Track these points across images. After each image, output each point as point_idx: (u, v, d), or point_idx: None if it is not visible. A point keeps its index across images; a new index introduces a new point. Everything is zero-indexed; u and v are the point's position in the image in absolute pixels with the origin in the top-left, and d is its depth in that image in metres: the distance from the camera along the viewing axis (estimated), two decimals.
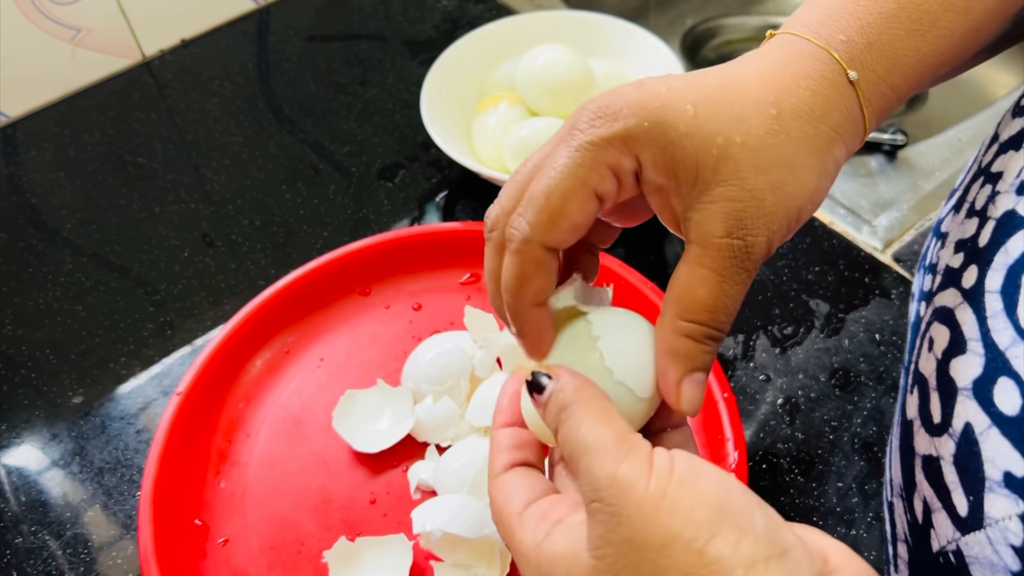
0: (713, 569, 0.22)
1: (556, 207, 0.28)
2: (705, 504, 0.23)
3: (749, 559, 0.22)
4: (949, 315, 0.30)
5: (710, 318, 0.28)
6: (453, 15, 0.80)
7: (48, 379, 0.55)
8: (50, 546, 0.48)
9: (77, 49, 0.73)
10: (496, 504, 0.29)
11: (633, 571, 0.23)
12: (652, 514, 0.23)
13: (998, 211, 0.29)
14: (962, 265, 0.30)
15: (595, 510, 0.24)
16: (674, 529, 0.23)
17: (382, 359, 0.53)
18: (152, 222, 0.64)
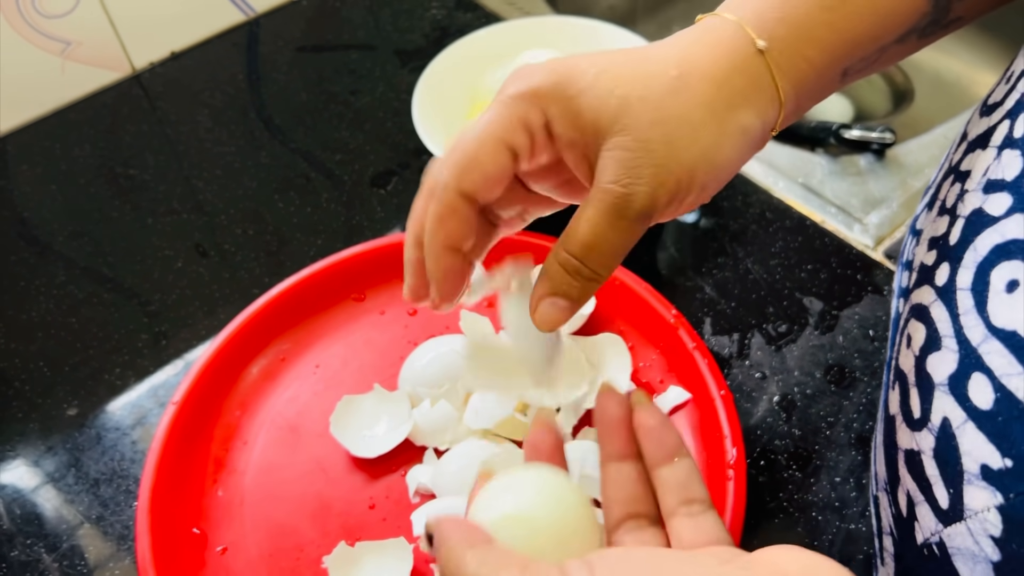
0: None
1: (469, 155, 0.30)
2: None
3: None
4: (924, 312, 0.30)
5: (582, 253, 0.30)
6: (442, 23, 0.81)
7: (42, 392, 0.55)
8: (46, 559, 0.47)
9: (67, 63, 0.73)
10: None
11: None
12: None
13: (967, 209, 0.30)
14: (935, 262, 0.31)
15: None
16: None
17: (378, 364, 0.53)
18: (145, 233, 0.64)
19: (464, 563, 0.26)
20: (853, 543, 0.44)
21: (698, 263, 0.58)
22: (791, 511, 0.46)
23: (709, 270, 0.58)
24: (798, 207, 0.61)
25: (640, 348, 0.52)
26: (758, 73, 0.30)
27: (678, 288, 0.57)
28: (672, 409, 0.49)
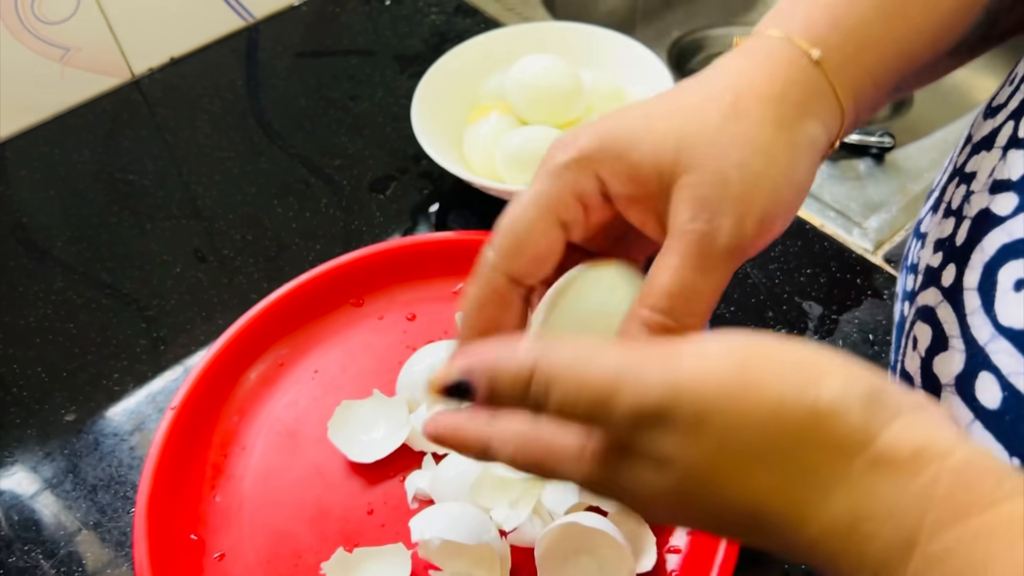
0: (830, 419, 0.21)
1: (519, 236, 0.29)
2: (794, 363, 0.22)
3: (863, 394, 0.21)
4: (931, 313, 0.30)
5: (669, 306, 0.26)
6: (441, 29, 0.81)
7: (40, 397, 0.55)
8: (43, 565, 0.47)
9: (66, 68, 0.73)
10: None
11: (733, 458, 0.22)
12: (740, 393, 0.21)
13: (973, 210, 0.29)
14: (941, 264, 0.30)
15: (657, 436, 0.22)
16: (772, 397, 0.21)
17: (377, 370, 0.53)
18: (143, 239, 0.64)
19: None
20: None
21: None
22: None
23: None
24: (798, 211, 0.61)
25: None
26: (816, 83, 0.28)
27: None
28: None
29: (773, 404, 0.21)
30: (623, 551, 0.41)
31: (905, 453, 0.20)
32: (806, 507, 0.21)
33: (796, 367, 0.22)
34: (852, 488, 0.21)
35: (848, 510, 0.21)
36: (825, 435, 0.21)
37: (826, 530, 0.21)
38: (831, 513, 0.21)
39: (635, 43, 0.65)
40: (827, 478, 0.21)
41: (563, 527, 0.41)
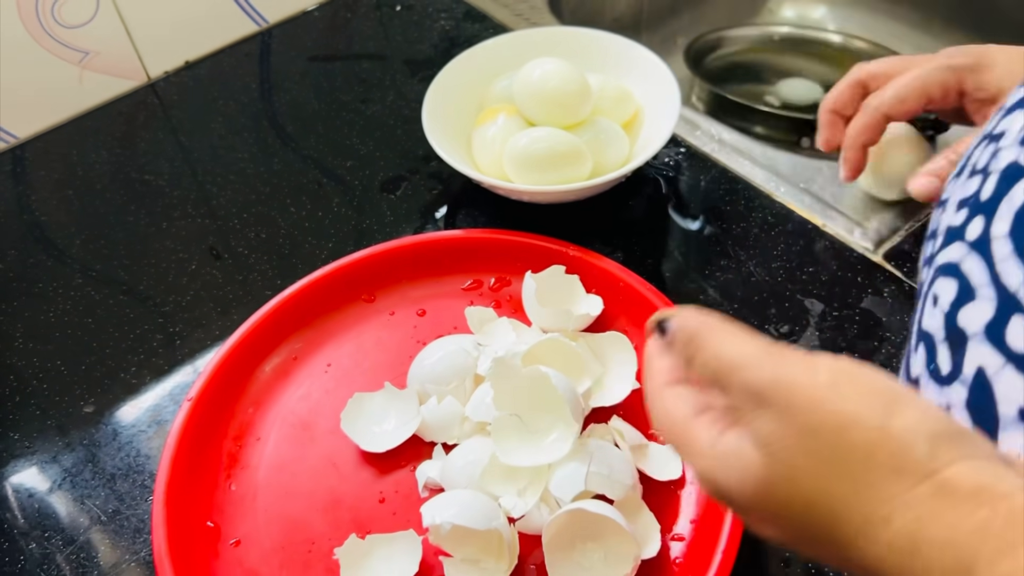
0: (897, 444, 0.23)
1: (901, 95, 0.51)
2: (877, 390, 0.24)
3: (932, 433, 0.23)
4: (954, 268, 0.31)
5: None
6: (451, 34, 0.82)
7: (59, 390, 0.56)
8: (63, 552, 0.48)
9: (85, 72, 0.74)
10: (666, 410, 0.30)
11: (811, 461, 0.24)
12: (825, 400, 0.24)
13: (1001, 164, 0.30)
14: (965, 220, 0.31)
15: (759, 413, 0.25)
16: (850, 411, 0.24)
17: (388, 363, 0.54)
18: (159, 237, 0.65)
19: None
20: None
21: (701, 266, 0.59)
22: None
23: (712, 273, 0.59)
24: (800, 211, 0.62)
25: (644, 348, 0.53)
26: None
27: (682, 291, 0.58)
28: None
29: (848, 417, 0.24)
30: (628, 538, 0.42)
31: (968, 487, 0.22)
32: (872, 522, 0.23)
33: (881, 393, 0.24)
34: (917, 512, 0.22)
35: (911, 532, 0.22)
36: (892, 457, 0.23)
37: (890, 548, 0.23)
38: (895, 533, 0.22)
39: (641, 47, 0.66)
40: (892, 498, 0.23)
41: (570, 514, 0.42)
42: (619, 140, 0.61)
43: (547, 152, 0.57)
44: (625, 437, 0.47)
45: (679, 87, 0.62)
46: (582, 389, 0.48)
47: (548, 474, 0.44)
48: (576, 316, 0.52)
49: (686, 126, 0.70)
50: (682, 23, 1.06)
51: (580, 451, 0.44)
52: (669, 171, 0.67)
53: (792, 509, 0.25)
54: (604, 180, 0.57)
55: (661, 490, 0.47)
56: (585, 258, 0.56)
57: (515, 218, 0.63)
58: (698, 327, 0.29)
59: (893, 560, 0.23)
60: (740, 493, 0.26)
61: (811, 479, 0.24)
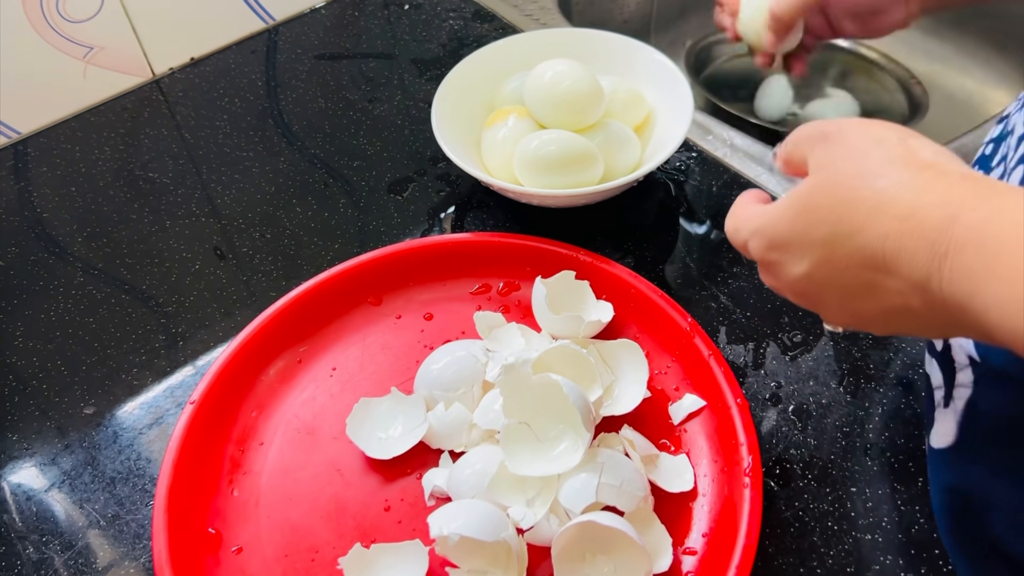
0: (911, 149, 0.31)
1: None
2: (904, 129, 0.32)
3: (938, 149, 0.31)
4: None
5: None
6: (459, 34, 0.81)
7: (60, 391, 0.55)
8: (61, 556, 0.47)
9: (89, 67, 0.74)
10: (734, 210, 0.39)
11: (852, 166, 0.31)
12: (868, 127, 0.33)
13: None
14: None
15: (822, 146, 0.33)
16: (884, 134, 0.32)
17: (394, 368, 0.53)
18: (163, 236, 0.64)
19: None
20: (872, 554, 0.44)
21: (713, 273, 0.58)
22: (806, 520, 0.46)
23: (724, 280, 0.58)
24: None
25: (656, 355, 0.52)
26: None
27: (693, 298, 0.57)
28: (687, 416, 0.49)
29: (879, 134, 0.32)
30: (639, 551, 0.41)
31: (959, 172, 0.30)
32: (884, 203, 0.30)
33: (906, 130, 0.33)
34: (917, 189, 0.29)
35: (911, 203, 0.29)
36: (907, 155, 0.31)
37: (894, 219, 0.29)
38: (900, 206, 0.29)
39: (652, 50, 0.66)
40: (901, 183, 0.30)
41: (580, 526, 0.41)
42: (631, 144, 0.61)
43: (558, 155, 0.56)
44: (636, 447, 0.46)
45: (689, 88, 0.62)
46: (593, 398, 0.47)
47: (558, 484, 0.44)
48: (587, 323, 0.51)
49: (697, 130, 0.69)
50: (691, 26, 1.05)
51: (590, 461, 0.43)
52: (680, 175, 0.66)
53: (826, 209, 0.31)
54: (615, 184, 0.56)
55: (673, 502, 0.46)
56: (596, 263, 0.55)
57: (524, 221, 0.62)
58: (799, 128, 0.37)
59: (897, 227, 0.29)
60: (788, 214, 0.33)
61: (847, 180, 0.31)
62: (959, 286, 0.27)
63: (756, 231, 0.36)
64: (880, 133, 0.32)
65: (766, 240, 0.35)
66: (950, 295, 0.28)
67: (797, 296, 0.36)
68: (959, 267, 0.27)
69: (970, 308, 0.27)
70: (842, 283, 0.32)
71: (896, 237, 0.29)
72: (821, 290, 0.34)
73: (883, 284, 0.30)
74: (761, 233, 0.35)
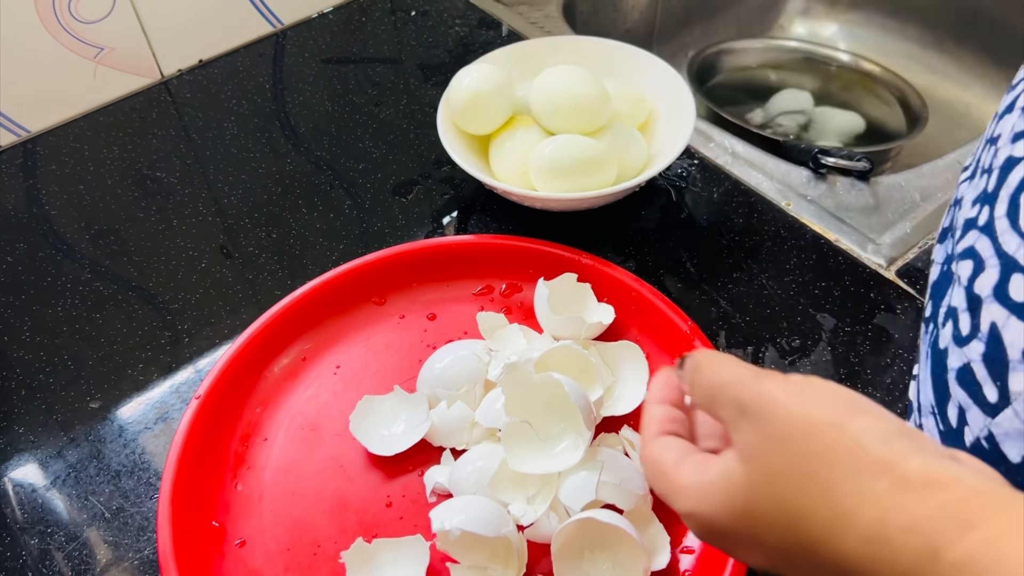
0: (854, 442, 0.25)
1: None
2: (840, 397, 0.27)
3: (885, 433, 0.25)
4: (971, 251, 0.35)
5: None
6: (465, 40, 0.82)
7: (65, 385, 0.56)
8: (65, 548, 0.48)
9: (99, 67, 0.74)
10: (654, 458, 0.32)
11: (784, 463, 0.26)
12: (794, 409, 0.27)
13: (999, 161, 0.34)
14: (978, 212, 0.35)
15: (743, 425, 0.28)
16: (815, 416, 0.26)
17: (397, 367, 0.54)
18: (170, 234, 0.65)
19: None
20: None
21: (713, 278, 0.59)
22: None
23: (724, 285, 0.59)
24: (812, 225, 0.62)
25: (656, 357, 0.53)
26: None
27: (693, 302, 0.58)
28: None
29: (812, 421, 0.27)
30: (638, 549, 0.42)
31: (922, 477, 0.24)
32: (839, 517, 0.25)
33: (842, 400, 0.27)
34: (880, 505, 0.24)
35: (877, 523, 0.24)
36: (851, 455, 0.25)
37: (860, 541, 0.24)
38: (862, 526, 0.24)
39: (655, 58, 0.66)
40: (854, 494, 0.25)
41: (579, 523, 0.42)
42: (638, 143, 0.61)
43: (574, 159, 0.57)
44: (635, 447, 0.47)
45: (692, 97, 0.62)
46: (594, 398, 0.48)
47: (558, 482, 0.44)
48: (588, 324, 0.52)
49: (699, 137, 0.70)
50: (694, 36, 1.06)
51: (591, 460, 0.44)
52: (682, 182, 0.67)
53: (774, 516, 0.27)
54: (619, 189, 0.57)
55: None
56: (597, 267, 0.56)
57: (527, 224, 0.63)
58: (704, 356, 0.32)
59: (864, 552, 0.24)
60: (728, 510, 0.28)
61: (786, 482, 0.26)
62: None
63: (691, 515, 0.30)
64: (809, 414, 0.27)
65: (705, 527, 0.30)
66: None
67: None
68: None
69: None
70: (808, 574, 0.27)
71: (868, 563, 0.24)
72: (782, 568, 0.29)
73: None
74: (696, 520, 0.30)
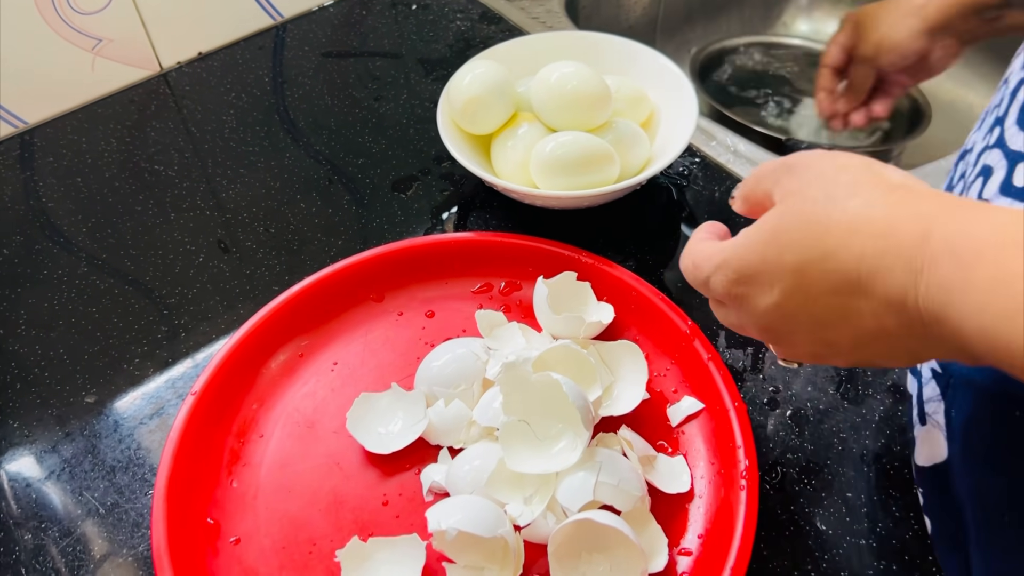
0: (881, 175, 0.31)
1: None
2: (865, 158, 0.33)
3: (903, 173, 0.31)
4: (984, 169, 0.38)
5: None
6: (466, 35, 0.82)
7: (61, 379, 0.55)
8: (59, 544, 0.48)
9: (98, 59, 0.74)
10: (691, 247, 0.37)
11: (816, 191, 0.31)
12: (834, 155, 0.33)
13: (1011, 87, 0.39)
14: (986, 139, 0.39)
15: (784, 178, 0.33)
16: (851, 161, 0.32)
17: (395, 364, 0.53)
18: (167, 228, 0.65)
19: None
20: (867, 558, 0.45)
21: None
22: (802, 524, 0.46)
23: None
24: None
25: (655, 357, 0.53)
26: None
27: (694, 302, 0.57)
28: (685, 418, 0.49)
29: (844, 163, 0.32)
30: (635, 550, 0.41)
31: (927, 190, 0.30)
32: (857, 221, 0.30)
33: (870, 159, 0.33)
34: (891, 205, 0.29)
35: (887, 219, 0.29)
36: (876, 179, 0.31)
37: (872, 237, 0.29)
38: (876, 224, 0.29)
39: (658, 54, 0.66)
40: (872, 203, 0.30)
41: (577, 524, 0.42)
42: (641, 140, 0.61)
43: (576, 156, 0.56)
44: (634, 448, 0.47)
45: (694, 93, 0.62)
46: (592, 398, 0.47)
47: (555, 482, 0.44)
48: (587, 323, 0.51)
49: (701, 136, 0.70)
50: (696, 33, 1.06)
51: (588, 460, 0.44)
52: (683, 180, 0.66)
53: (797, 233, 0.31)
54: (620, 187, 0.56)
55: (669, 503, 0.46)
56: (597, 265, 0.55)
57: (527, 222, 0.62)
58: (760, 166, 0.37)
59: (876, 247, 0.29)
60: (757, 241, 0.33)
61: (814, 202, 0.31)
62: (935, 300, 0.27)
63: (721, 265, 0.34)
64: (844, 160, 0.32)
65: (732, 273, 0.33)
66: (926, 310, 0.27)
67: (763, 330, 0.35)
68: (935, 281, 0.27)
69: (947, 321, 0.27)
70: (813, 311, 0.31)
71: (872, 257, 0.29)
72: (790, 321, 0.33)
73: (857, 307, 0.30)
74: (727, 266, 0.34)
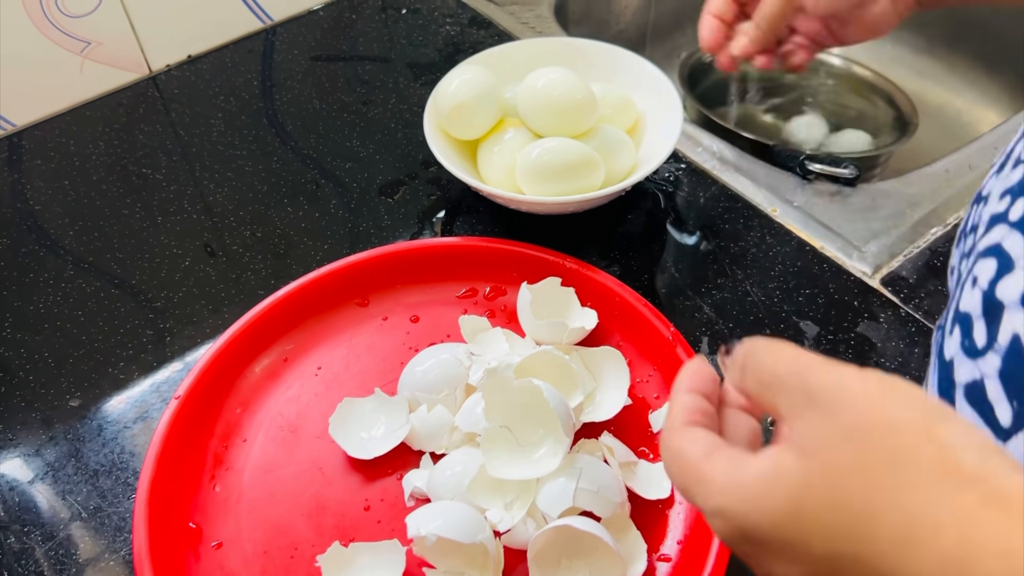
0: (946, 452, 0.22)
1: None
2: (925, 401, 0.24)
3: (981, 445, 0.22)
4: (996, 248, 0.32)
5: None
6: (455, 40, 0.82)
7: (46, 383, 0.55)
8: (43, 547, 0.48)
9: (86, 62, 0.74)
10: (678, 447, 0.28)
11: (853, 460, 0.23)
12: (876, 404, 0.24)
13: None
14: (1008, 206, 0.32)
15: (807, 415, 0.25)
16: (901, 415, 0.23)
17: (379, 369, 0.54)
18: (154, 231, 0.65)
19: None
20: None
21: (697, 284, 0.59)
22: None
23: (708, 291, 0.59)
24: (798, 232, 0.62)
25: (638, 364, 0.53)
26: None
27: (677, 308, 0.58)
28: None
29: (898, 420, 0.24)
30: (614, 556, 0.42)
31: (1021, 498, 0.21)
32: (916, 527, 0.22)
33: (929, 405, 0.24)
34: (967, 519, 0.21)
35: (959, 541, 0.21)
36: (942, 461, 0.22)
37: (935, 561, 0.21)
38: (943, 542, 0.21)
39: (645, 61, 0.66)
40: (940, 503, 0.22)
41: (556, 530, 0.42)
42: (626, 147, 0.61)
43: (561, 162, 0.56)
44: (615, 454, 0.47)
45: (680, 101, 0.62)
46: (574, 404, 0.48)
47: (536, 488, 0.44)
48: (570, 329, 0.51)
49: (687, 142, 0.70)
50: (686, 38, 1.06)
51: (569, 466, 0.44)
52: (669, 186, 0.67)
53: (830, 518, 0.23)
54: (605, 193, 0.57)
55: (649, 509, 0.46)
56: (582, 271, 0.55)
57: (513, 227, 0.63)
58: (761, 341, 0.28)
59: (939, 571, 0.21)
60: (772, 509, 0.25)
61: (852, 481, 0.23)
62: None
63: (722, 512, 0.26)
64: (893, 410, 0.24)
65: (738, 530, 0.26)
66: None
67: None
68: None
69: None
70: None
71: None
72: None
73: None
74: (729, 520, 0.26)
